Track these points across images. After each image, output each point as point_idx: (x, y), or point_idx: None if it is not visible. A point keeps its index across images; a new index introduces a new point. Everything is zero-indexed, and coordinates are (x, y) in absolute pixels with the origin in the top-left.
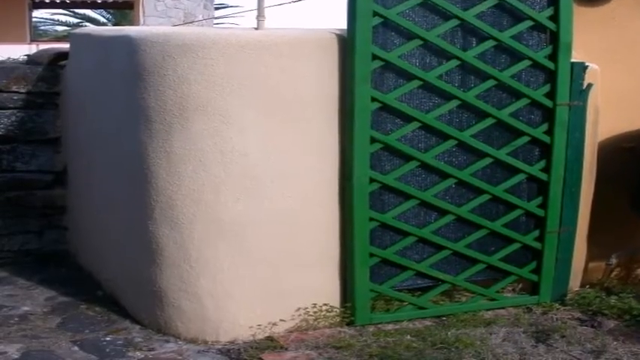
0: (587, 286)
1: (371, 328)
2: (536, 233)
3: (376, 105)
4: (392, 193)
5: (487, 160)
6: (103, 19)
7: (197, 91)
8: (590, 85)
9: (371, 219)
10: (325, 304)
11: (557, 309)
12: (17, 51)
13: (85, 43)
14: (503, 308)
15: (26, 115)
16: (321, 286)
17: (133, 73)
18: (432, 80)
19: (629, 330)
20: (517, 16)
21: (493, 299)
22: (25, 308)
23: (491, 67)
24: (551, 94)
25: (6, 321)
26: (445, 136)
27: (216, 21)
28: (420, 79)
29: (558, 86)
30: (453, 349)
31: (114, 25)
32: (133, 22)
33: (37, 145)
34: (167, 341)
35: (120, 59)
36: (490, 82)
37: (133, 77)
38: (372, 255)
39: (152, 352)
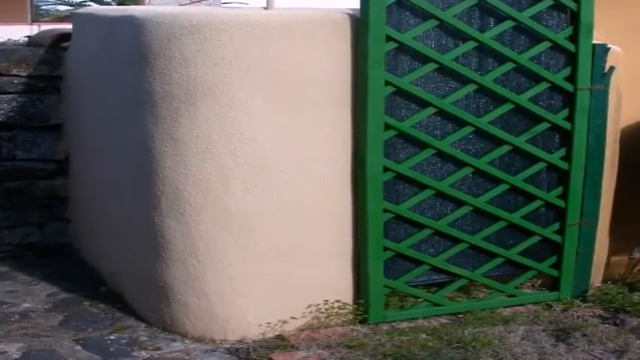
0: (609, 282)
1: (385, 326)
2: (557, 226)
3: (390, 89)
4: (406, 183)
5: (505, 148)
6: None
7: (204, 75)
8: (612, 68)
9: (385, 210)
10: (337, 301)
11: (578, 306)
12: (18, 32)
13: (89, 23)
14: (522, 305)
15: (27, 100)
16: (333, 282)
17: (137, 55)
18: (448, 63)
19: None
20: None
21: (512, 295)
22: (26, 305)
23: (510, 49)
24: (572, 78)
25: (6, 318)
26: (462, 123)
27: (224, 0)
28: (436, 61)
29: (579, 69)
30: (469, 349)
31: (118, 4)
32: (138, 1)
33: (38, 131)
34: (173, 340)
35: (124, 40)
36: (508, 65)
37: (138, 60)
38: (386, 249)
39: (158, 352)
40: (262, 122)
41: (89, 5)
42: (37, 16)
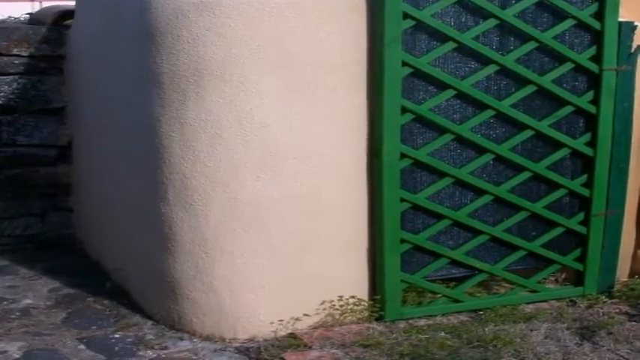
0: (636, 276)
1: (402, 324)
2: (581, 216)
3: (407, 70)
4: (424, 171)
5: (527, 133)
6: None
7: (213, 54)
8: (639, 48)
9: (402, 200)
10: (352, 297)
11: (604, 302)
12: (18, 9)
13: None
14: (544, 301)
15: (28, 81)
16: (348, 276)
17: (143, 33)
18: (468, 42)
19: None
20: None
21: (534, 291)
22: (27, 301)
23: (532, 27)
24: (597, 58)
25: (6, 316)
26: (482, 106)
27: None
28: (455, 40)
29: (605, 49)
30: (490, 348)
31: None
32: None
33: (40, 115)
34: (181, 339)
35: (129, 18)
36: (531, 44)
37: (144, 38)
38: (402, 241)
39: (165, 351)
40: (274, 106)
41: None
42: None
